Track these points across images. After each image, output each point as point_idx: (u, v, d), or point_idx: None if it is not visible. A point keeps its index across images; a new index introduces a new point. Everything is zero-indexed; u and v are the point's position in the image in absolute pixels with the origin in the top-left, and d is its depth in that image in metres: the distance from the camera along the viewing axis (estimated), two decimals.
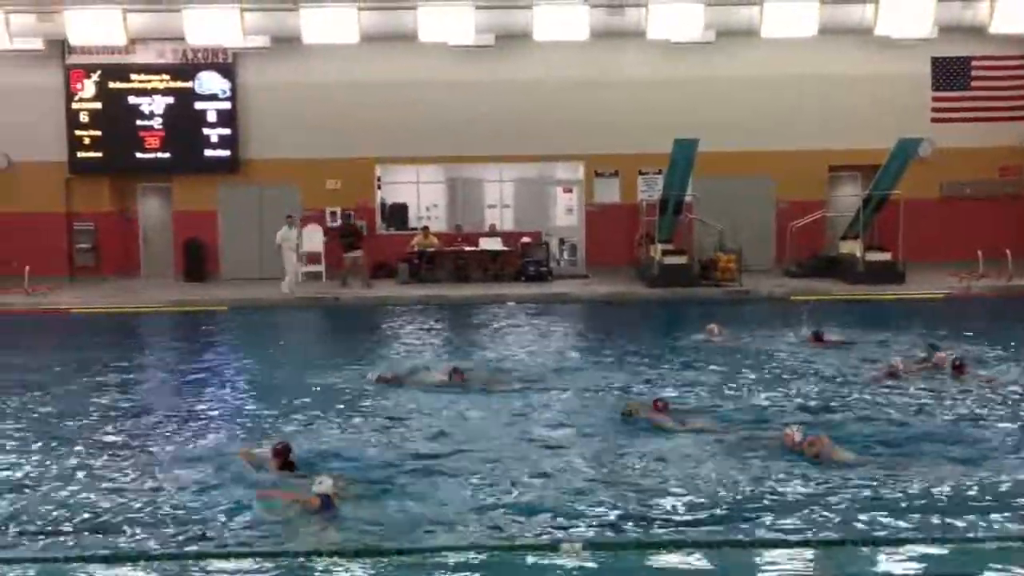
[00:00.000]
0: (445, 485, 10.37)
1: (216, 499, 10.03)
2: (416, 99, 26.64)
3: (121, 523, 9.58)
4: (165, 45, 26.43)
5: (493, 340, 19.08)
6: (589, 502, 9.79)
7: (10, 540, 9.27)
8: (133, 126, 26.83)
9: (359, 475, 10.56)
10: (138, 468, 11.12)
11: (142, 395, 15.13)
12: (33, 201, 26.69)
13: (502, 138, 26.73)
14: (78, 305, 23.59)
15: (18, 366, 17.31)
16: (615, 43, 26.01)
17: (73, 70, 26.67)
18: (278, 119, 26.89)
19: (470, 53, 26.09)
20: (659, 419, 12.17)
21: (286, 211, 25.76)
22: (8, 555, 8.84)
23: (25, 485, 10.76)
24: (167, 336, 21.29)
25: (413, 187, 28.68)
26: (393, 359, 16.67)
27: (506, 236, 27.23)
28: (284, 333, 21.07)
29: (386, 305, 23.66)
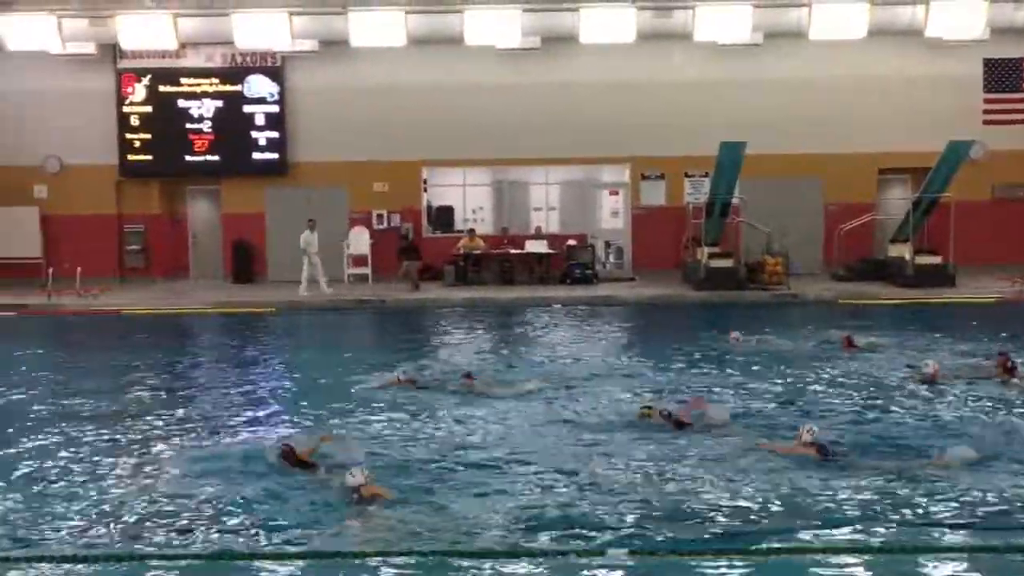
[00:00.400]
0: (474, 489, 10.45)
1: (256, 496, 10.18)
2: (463, 102, 26.76)
3: (164, 523, 9.74)
4: (214, 49, 26.75)
5: (531, 342, 19.19)
6: (620, 508, 9.82)
7: (64, 538, 9.46)
8: (182, 129, 27.16)
9: (393, 477, 10.68)
10: (177, 467, 11.30)
11: (188, 395, 15.31)
12: (85, 204, 27.10)
13: (548, 140, 26.78)
14: (128, 306, 23.91)
15: (69, 366, 17.64)
16: (662, 45, 25.99)
17: (124, 74, 27.04)
18: (325, 122, 27.09)
19: (516, 56, 26.17)
20: (672, 420, 12.22)
21: (335, 213, 26.00)
22: (62, 553, 9.01)
23: (70, 484, 10.96)
24: (215, 337, 21.55)
25: (459, 190, 28.80)
26: (412, 363, 16.56)
27: (552, 239, 27.28)
28: (330, 335, 21.23)
29: (432, 307, 23.78)
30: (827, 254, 27.06)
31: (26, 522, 9.86)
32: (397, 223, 27.48)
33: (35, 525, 9.77)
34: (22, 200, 27.10)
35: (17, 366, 17.66)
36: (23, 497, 10.53)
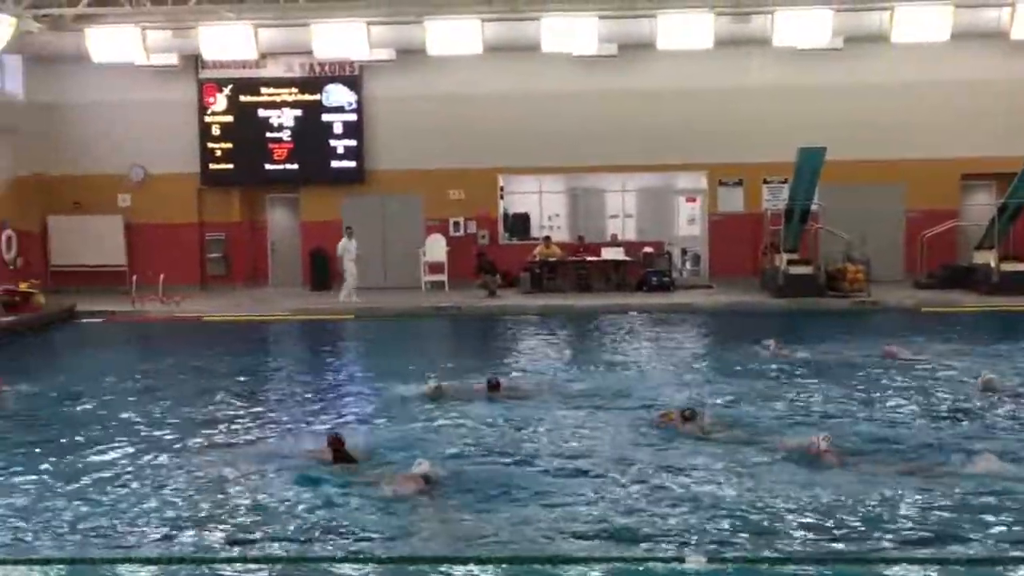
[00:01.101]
0: (540, 495, 10.58)
1: (327, 499, 10.42)
2: (539, 109, 26.90)
3: (239, 526, 9.98)
4: (293, 59, 27.21)
5: (602, 349, 19.29)
6: (691, 515, 9.88)
7: (134, 540, 9.73)
8: (263, 138, 27.64)
9: (464, 480, 10.87)
10: (254, 469, 11.57)
11: (265, 401, 15.62)
12: (167, 212, 27.72)
13: (624, 148, 26.82)
14: (209, 313, 24.37)
15: (153, 371, 18.04)
16: (740, 51, 25.91)
17: (206, 84, 27.61)
18: (402, 130, 27.40)
19: (593, 63, 26.24)
20: (687, 428, 12.43)
21: (411, 221, 26.31)
22: (135, 554, 9.27)
23: (146, 486, 11.26)
24: (294, 344, 21.89)
25: (535, 197, 28.93)
26: (444, 371, 16.62)
27: (628, 246, 27.31)
28: (406, 341, 21.43)
29: (507, 315, 23.92)
30: (908, 261, 26.76)
31: (107, 525, 10.15)
32: (473, 230, 27.67)
33: (116, 528, 10.06)
34: (107, 209, 27.83)
35: (103, 372, 18.13)
36: (104, 500, 10.85)
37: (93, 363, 19.02)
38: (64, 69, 27.18)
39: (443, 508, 10.25)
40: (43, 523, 10.21)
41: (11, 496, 11.05)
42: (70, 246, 27.80)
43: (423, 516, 10.04)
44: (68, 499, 10.87)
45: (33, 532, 10.00)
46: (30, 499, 10.93)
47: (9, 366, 18.65)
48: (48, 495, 11.04)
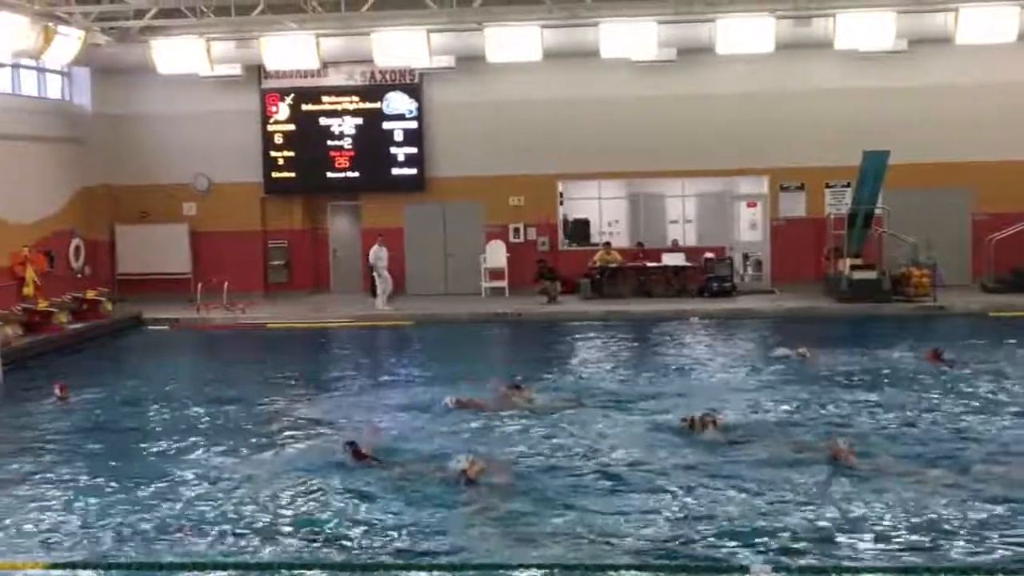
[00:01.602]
0: (595, 502, 10.73)
1: (383, 501, 10.53)
2: (598, 115, 26.89)
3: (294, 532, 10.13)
4: (355, 67, 27.46)
5: (661, 355, 19.27)
6: (749, 523, 9.89)
7: (198, 545, 9.90)
8: (324, 146, 27.92)
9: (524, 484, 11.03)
10: (313, 474, 11.75)
11: (325, 405, 15.80)
12: (231, 220, 28.08)
13: (685, 152, 26.74)
14: (272, 320, 24.66)
15: (217, 377, 18.32)
16: (801, 54, 25.72)
17: (268, 94, 27.95)
18: (462, 137, 27.54)
19: (652, 68, 26.20)
20: (709, 433, 12.71)
21: (471, 228, 26.53)
22: (198, 559, 9.45)
23: (207, 491, 11.47)
24: (354, 350, 22.08)
25: (595, 203, 28.91)
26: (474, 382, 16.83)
27: (689, 251, 27.21)
28: (466, 348, 21.53)
29: (567, 321, 23.95)
30: (975, 265, 26.36)
31: (170, 529, 10.35)
32: (533, 237, 27.73)
33: (178, 532, 10.26)
34: (173, 218, 28.27)
35: (168, 378, 18.46)
36: (166, 504, 11.06)
37: (159, 370, 19.36)
38: (130, 81, 27.68)
39: (495, 512, 10.36)
40: (108, 528, 10.44)
41: (77, 501, 11.30)
42: (136, 254, 28.27)
43: (478, 520, 10.13)
44: (132, 504, 11.10)
45: (99, 536, 10.23)
46: (96, 504, 11.17)
47: (77, 373, 19.07)
48: (112, 500, 11.28)
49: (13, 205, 24.12)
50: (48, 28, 23.23)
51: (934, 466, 11.46)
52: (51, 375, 18.51)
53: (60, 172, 26.38)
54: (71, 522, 10.62)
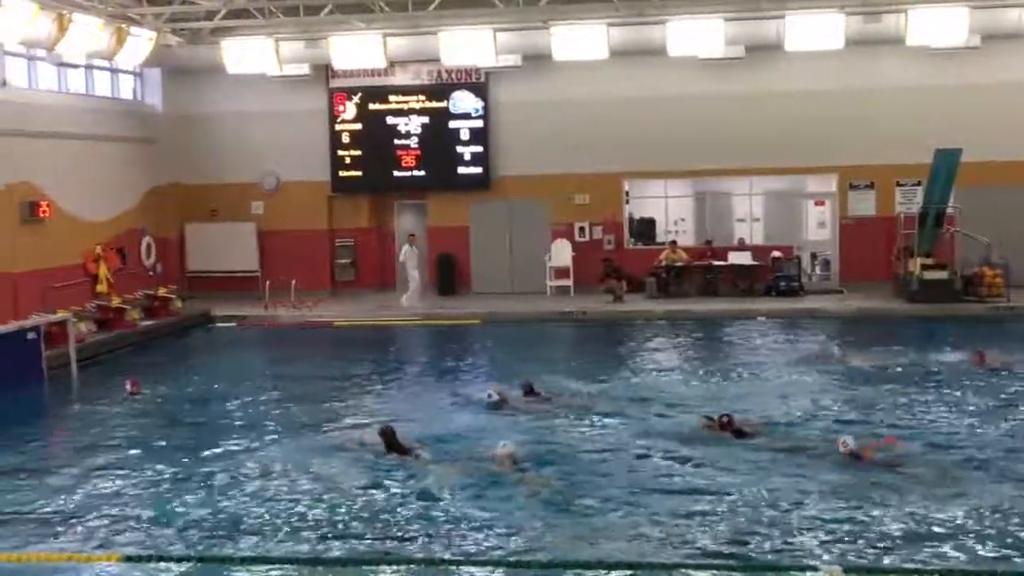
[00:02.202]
0: (657, 502, 10.75)
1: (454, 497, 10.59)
2: (665, 113, 26.79)
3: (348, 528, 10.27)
4: (421, 67, 27.61)
5: (725, 355, 19.20)
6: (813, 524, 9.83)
7: (263, 539, 10.05)
8: (391, 145, 28.10)
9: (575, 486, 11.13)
10: (376, 471, 11.88)
11: (392, 402, 15.95)
12: (298, 219, 28.37)
13: (752, 150, 26.54)
14: (339, 317, 24.88)
15: (282, 374, 18.55)
16: (871, 50, 25.43)
17: (336, 93, 28.20)
18: (528, 135, 27.57)
19: (720, 65, 26.01)
20: (725, 433, 12.88)
21: (537, 226, 26.68)
22: (264, 554, 9.61)
23: (278, 484, 11.64)
24: (419, 348, 22.23)
25: (661, 201, 28.80)
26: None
27: (756, 250, 27.00)
28: (530, 346, 21.58)
29: (632, 320, 23.91)
30: None
31: (235, 522, 10.51)
32: (598, 235, 27.70)
33: (244, 526, 10.42)
34: (241, 216, 28.63)
35: (236, 375, 18.72)
36: (232, 498, 11.25)
37: (227, 366, 19.66)
38: (201, 81, 28.10)
39: (556, 508, 10.44)
40: (179, 521, 10.63)
41: (149, 494, 11.52)
42: (205, 252, 28.69)
43: (541, 517, 10.19)
44: (202, 498, 11.30)
45: (170, 530, 10.42)
46: (167, 498, 11.38)
47: (148, 369, 19.40)
48: (183, 494, 11.48)
49: (87, 203, 24.60)
50: (121, 29, 23.68)
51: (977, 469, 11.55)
52: (123, 371, 18.87)
53: (132, 171, 26.83)
54: (144, 515, 10.82)
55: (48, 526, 10.59)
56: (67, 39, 21.82)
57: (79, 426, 15.31)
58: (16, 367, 17.75)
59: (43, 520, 10.78)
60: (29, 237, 22.35)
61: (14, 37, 20.74)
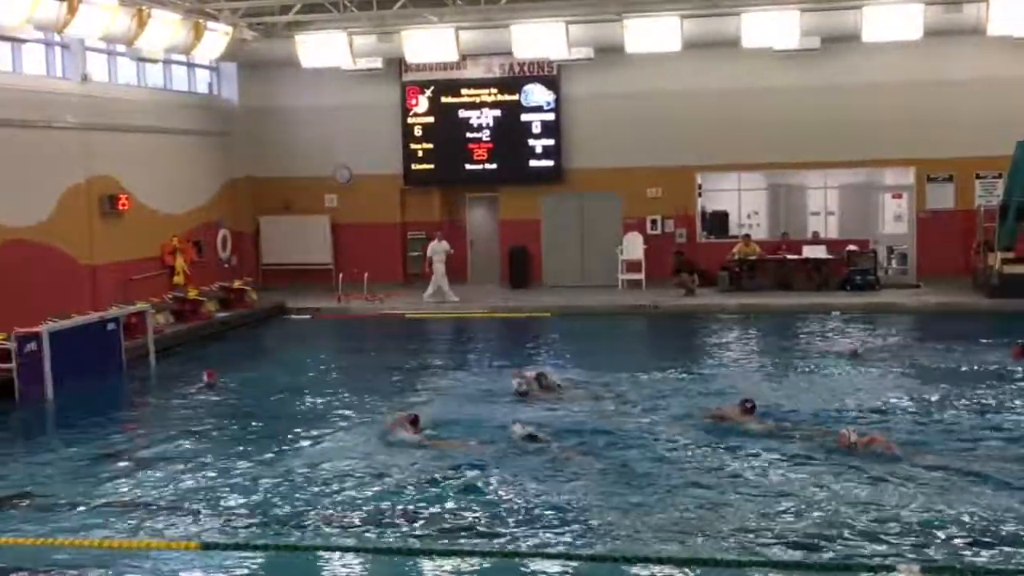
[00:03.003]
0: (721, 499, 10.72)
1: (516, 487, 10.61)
2: (738, 105, 26.54)
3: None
4: (493, 60, 27.63)
5: (793, 349, 18.95)
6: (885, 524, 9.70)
7: (338, 528, 10.13)
8: (463, 138, 28.18)
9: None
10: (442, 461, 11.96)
11: (462, 394, 15.97)
12: (371, 212, 28.55)
13: (827, 143, 26.22)
14: (411, 310, 25.00)
15: (354, 366, 18.70)
16: (950, 41, 24.94)
17: (409, 87, 28.33)
18: (600, 128, 27.47)
19: (795, 57, 25.68)
20: (746, 422, 12.99)
21: (609, 219, 26.78)
22: (337, 543, 9.70)
23: (351, 475, 11.75)
24: (490, 340, 22.27)
25: (734, 194, 28.53)
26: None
27: (831, 244, 26.65)
28: (602, 339, 21.51)
29: (705, 314, 23.76)
30: None
31: (323, 510, 10.61)
32: (671, 228, 27.54)
33: (318, 513, 10.51)
34: (315, 209, 28.87)
35: (310, 365, 18.90)
36: (310, 486, 11.35)
37: (301, 357, 19.85)
38: (275, 75, 28.38)
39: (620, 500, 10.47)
40: (255, 510, 10.77)
41: (226, 483, 11.68)
42: (280, 245, 29.01)
43: (607, 510, 10.19)
44: (276, 487, 11.43)
45: (246, 518, 10.55)
46: (243, 486, 11.53)
47: (224, 359, 19.68)
48: (258, 483, 11.62)
49: (164, 196, 25.00)
50: (198, 24, 23.98)
51: None
52: (199, 362, 19.14)
53: (208, 164, 27.23)
54: (220, 503, 10.97)
55: (127, 513, 10.77)
56: (146, 34, 22.15)
57: (158, 415, 15.57)
58: (97, 357, 18.09)
59: (122, 507, 10.98)
60: (108, 230, 22.77)
61: (95, 32, 21.13)
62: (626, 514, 10.17)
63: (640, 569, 8.90)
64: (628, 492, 10.84)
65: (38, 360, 16.58)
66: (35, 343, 16.60)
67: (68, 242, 21.57)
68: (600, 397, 15.34)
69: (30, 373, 16.50)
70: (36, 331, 16.73)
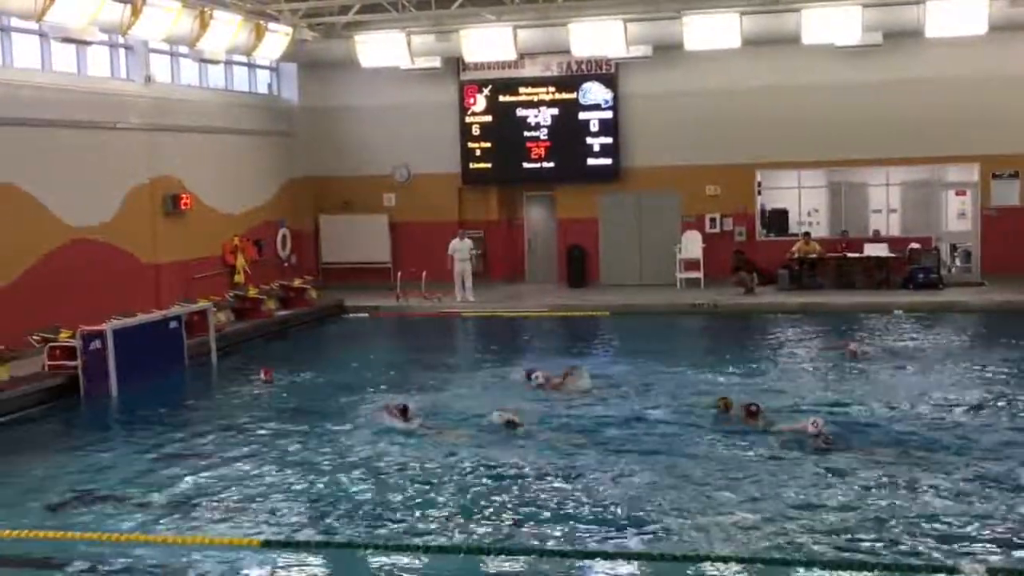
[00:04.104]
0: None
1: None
2: (799, 102, 26.29)
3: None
4: (551, 58, 27.61)
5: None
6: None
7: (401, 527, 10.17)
8: (520, 137, 28.18)
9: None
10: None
11: (520, 392, 15.96)
12: (429, 210, 28.62)
13: (889, 140, 25.91)
14: (469, 309, 25.03)
15: (411, 363, 18.76)
16: (1015, 35, 24.55)
17: (467, 85, 28.39)
18: (658, 126, 27.34)
19: (856, 53, 25.41)
20: (750, 422, 13.13)
21: (667, 218, 26.71)
22: (400, 542, 9.72)
23: (408, 473, 11.81)
24: (547, 339, 22.23)
25: (794, 192, 28.27)
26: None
27: (892, 242, 26.32)
28: (659, 338, 21.38)
29: (764, 313, 23.57)
30: None
31: (383, 508, 10.65)
32: (730, 227, 27.35)
33: (377, 513, 10.56)
34: (374, 208, 29.03)
35: (368, 364, 18.97)
36: (367, 484, 11.41)
37: (360, 356, 19.95)
38: (335, 75, 28.58)
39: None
40: (315, 507, 10.86)
41: (284, 481, 11.77)
42: (339, 244, 29.21)
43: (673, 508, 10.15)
44: (336, 485, 11.51)
45: (306, 515, 10.62)
46: (300, 483, 11.62)
47: (283, 358, 19.85)
48: (316, 481, 11.70)
49: (225, 196, 25.30)
50: (259, 26, 24.25)
51: None
52: (260, 360, 19.31)
53: (269, 164, 27.51)
54: (280, 501, 11.06)
55: (188, 509, 10.89)
56: (208, 35, 22.48)
57: (219, 413, 15.70)
58: (160, 355, 18.33)
59: (183, 504, 11.09)
60: (171, 229, 23.09)
61: (158, 34, 21.44)
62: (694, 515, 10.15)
63: (707, 567, 8.89)
64: (689, 489, 10.82)
65: (103, 358, 16.83)
66: (100, 341, 16.85)
67: (132, 242, 21.93)
68: (627, 395, 15.45)
69: (95, 371, 16.77)
70: (101, 329, 16.99)
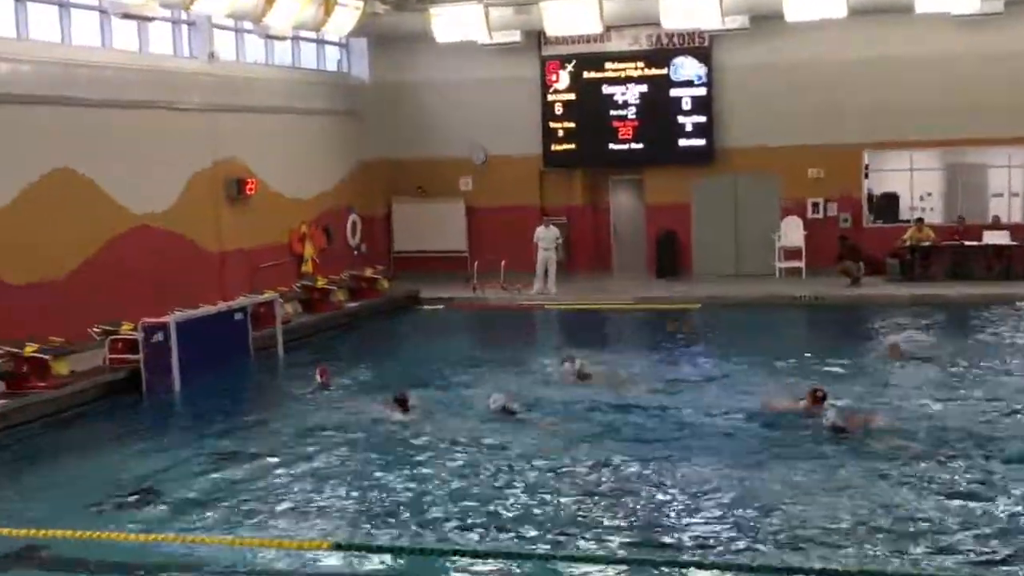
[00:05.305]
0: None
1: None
2: (911, 77, 25.91)
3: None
4: (639, 31, 27.49)
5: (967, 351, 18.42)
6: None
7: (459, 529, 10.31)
8: (606, 116, 28.10)
9: None
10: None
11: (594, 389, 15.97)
12: (509, 195, 28.62)
13: (1012, 118, 25.40)
14: (551, 301, 25.04)
15: (487, 360, 18.82)
16: None
17: (549, 61, 28.37)
18: (757, 104, 27.09)
19: (975, 22, 24.97)
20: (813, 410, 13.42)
21: (765, 203, 26.76)
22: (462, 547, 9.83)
23: (473, 476, 11.99)
24: (632, 333, 22.20)
25: (905, 175, 27.90)
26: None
27: (1015, 229, 25.86)
28: (752, 333, 21.19)
29: (872, 305, 23.31)
30: None
31: (454, 513, 10.77)
32: (834, 212, 27.05)
33: (439, 515, 10.70)
34: (449, 192, 29.14)
35: (438, 359, 18.98)
36: (432, 487, 11.58)
37: (434, 351, 20.06)
38: (408, 50, 28.68)
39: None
40: (383, 510, 11.02)
41: (351, 481, 11.94)
42: (412, 231, 29.33)
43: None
44: (403, 486, 11.67)
45: (374, 518, 10.78)
46: (369, 485, 11.79)
47: (352, 352, 20.03)
48: (386, 481, 11.85)
49: (291, 180, 25.53)
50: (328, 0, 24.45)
51: None
52: (328, 353, 19.50)
53: (338, 146, 27.71)
54: (348, 503, 11.23)
55: (257, 510, 11.08)
56: (274, 10, 22.72)
57: (284, 410, 15.87)
58: (225, 348, 18.64)
59: (252, 504, 11.29)
60: (236, 215, 23.39)
61: (222, 9, 21.74)
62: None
63: None
64: None
65: (165, 351, 17.08)
66: (162, 334, 17.09)
67: (195, 229, 22.23)
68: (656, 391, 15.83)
69: (157, 364, 17.01)
70: (163, 321, 17.24)
